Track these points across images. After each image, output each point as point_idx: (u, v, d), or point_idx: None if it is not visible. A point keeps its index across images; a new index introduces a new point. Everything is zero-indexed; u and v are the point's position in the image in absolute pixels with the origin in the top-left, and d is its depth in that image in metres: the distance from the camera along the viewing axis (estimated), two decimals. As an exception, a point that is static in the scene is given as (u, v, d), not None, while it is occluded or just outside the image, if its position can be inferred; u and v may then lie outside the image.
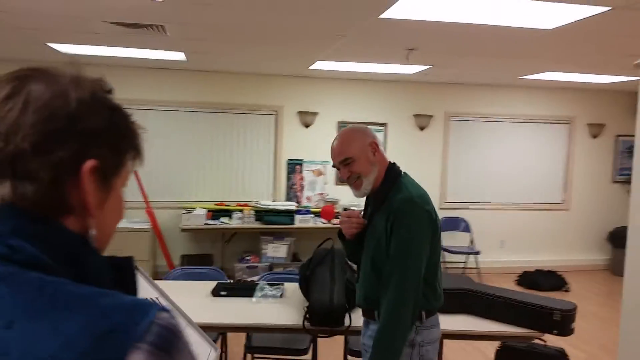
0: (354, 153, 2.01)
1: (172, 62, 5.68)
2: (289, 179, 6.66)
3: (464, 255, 6.72)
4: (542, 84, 6.79)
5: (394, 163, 2.09)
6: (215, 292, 3.17)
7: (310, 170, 6.70)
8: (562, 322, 2.69)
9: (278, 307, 3.01)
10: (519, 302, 2.82)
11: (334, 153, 2.08)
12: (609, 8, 3.03)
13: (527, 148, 7.22)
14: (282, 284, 3.34)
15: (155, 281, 3.09)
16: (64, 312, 0.58)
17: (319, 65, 5.51)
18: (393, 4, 3.11)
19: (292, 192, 6.64)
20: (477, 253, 6.60)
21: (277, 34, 4.07)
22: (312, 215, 6.02)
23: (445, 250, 6.59)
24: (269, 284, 3.27)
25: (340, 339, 3.22)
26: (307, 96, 6.64)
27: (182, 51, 5.01)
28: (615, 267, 7.19)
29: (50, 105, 0.65)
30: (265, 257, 5.95)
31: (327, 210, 6.13)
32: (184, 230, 5.78)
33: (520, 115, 7.15)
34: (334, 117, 6.73)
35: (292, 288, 3.29)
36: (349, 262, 3.14)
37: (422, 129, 6.88)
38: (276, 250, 5.93)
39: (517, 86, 7.04)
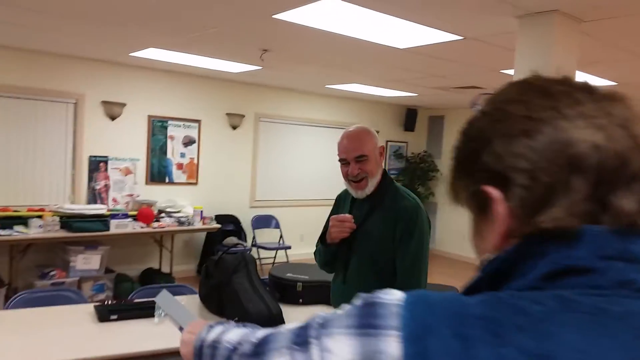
0: (370, 152, 2.03)
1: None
2: (90, 178, 5.83)
3: (273, 251, 6.99)
4: (334, 93, 7.52)
5: (386, 170, 2.17)
6: (103, 317, 2.66)
7: (117, 169, 6.00)
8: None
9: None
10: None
11: (351, 146, 2.04)
12: (462, 37, 3.65)
13: (320, 149, 7.89)
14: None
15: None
16: None
17: (148, 52, 5.01)
18: (294, 8, 3.13)
19: (95, 194, 5.84)
20: (288, 248, 6.94)
21: (133, 14, 3.59)
22: (130, 220, 5.42)
23: (260, 247, 6.75)
24: (166, 300, 2.90)
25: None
26: (113, 85, 5.91)
27: (-23, 17, 3.92)
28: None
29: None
30: (73, 271, 5.11)
31: (146, 213, 5.60)
32: (-37, 244, 4.52)
33: (315, 119, 7.78)
34: (144, 110, 6.17)
35: (191, 302, 2.99)
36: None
37: (234, 128, 6.87)
38: (87, 262, 5.15)
39: (316, 94, 7.63)
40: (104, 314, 2.67)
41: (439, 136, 9.05)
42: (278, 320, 2.60)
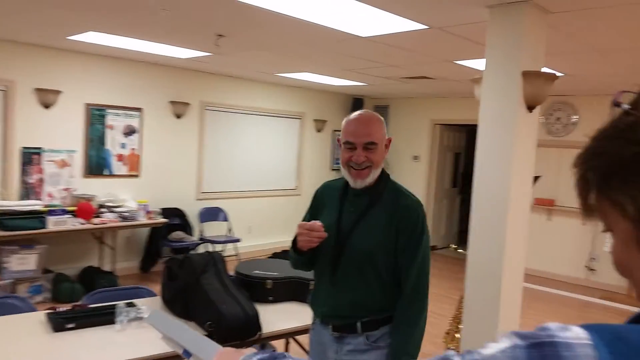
0: (379, 140, 1.86)
1: None
2: (23, 172, 5.35)
3: (222, 244, 6.76)
4: (283, 82, 7.35)
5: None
6: (58, 326, 2.40)
7: (53, 161, 5.54)
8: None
9: (154, 331, 2.50)
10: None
11: (362, 131, 1.84)
12: (428, 27, 3.61)
13: (268, 139, 7.71)
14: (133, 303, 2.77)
15: None
16: None
17: (87, 36, 4.61)
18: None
19: (28, 189, 5.36)
20: (238, 240, 6.74)
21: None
22: (69, 216, 5.01)
23: (208, 241, 6.50)
24: (127, 304, 2.67)
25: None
26: (47, 71, 5.42)
27: None
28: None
29: None
30: (7, 273, 4.66)
31: (85, 208, 5.21)
32: None
33: (262, 108, 7.57)
34: (81, 98, 5.72)
35: (153, 305, 2.77)
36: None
37: (178, 117, 6.54)
38: (23, 262, 4.72)
39: (263, 82, 7.42)
40: (58, 323, 2.41)
41: (384, 126, 9.09)
42: (255, 321, 2.45)
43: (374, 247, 1.88)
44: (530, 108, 3.01)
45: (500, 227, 2.98)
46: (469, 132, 8.88)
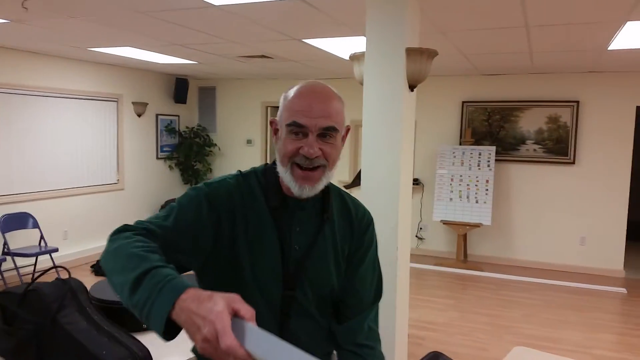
0: (340, 126, 1.26)
1: None
2: None
3: (33, 257, 5.59)
4: (96, 59, 6.32)
5: None
6: None
7: None
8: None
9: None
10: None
11: (319, 109, 1.21)
12: (292, -2, 3.29)
13: (79, 126, 6.59)
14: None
15: None
16: None
17: None
18: None
19: None
20: (54, 250, 5.63)
21: None
22: None
23: (17, 254, 5.31)
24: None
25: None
26: None
27: None
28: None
29: None
30: None
31: None
32: None
33: (71, 90, 6.41)
34: None
35: (-18, 363, 1.99)
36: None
37: (-42, 101, 5.13)
38: None
39: (71, 58, 6.27)
40: None
41: (211, 108, 8.55)
42: (147, 364, 1.91)
43: (337, 279, 1.36)
44: (412, 87, 2.94)
45: (393, 209, 2.87)
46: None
